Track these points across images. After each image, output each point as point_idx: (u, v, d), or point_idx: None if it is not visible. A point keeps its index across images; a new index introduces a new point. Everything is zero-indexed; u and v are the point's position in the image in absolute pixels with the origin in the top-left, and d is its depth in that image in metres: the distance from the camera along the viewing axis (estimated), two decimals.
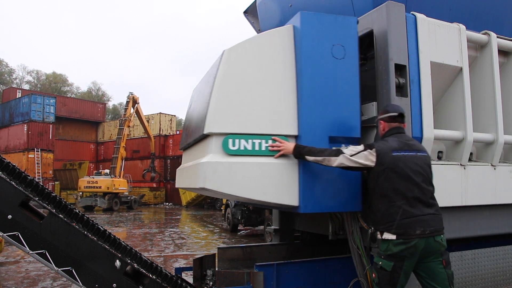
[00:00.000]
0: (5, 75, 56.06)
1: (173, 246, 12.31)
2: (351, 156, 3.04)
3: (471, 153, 4.01)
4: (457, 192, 3.78)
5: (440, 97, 4.06)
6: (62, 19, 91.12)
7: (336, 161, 3.04)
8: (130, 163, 35.35)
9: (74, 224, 3.46)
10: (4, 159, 3.44)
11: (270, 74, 3.30)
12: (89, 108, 42.47)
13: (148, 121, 34.22)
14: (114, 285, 3.37)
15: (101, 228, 3.74)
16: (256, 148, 3.23)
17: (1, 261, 9.67)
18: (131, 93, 28.75)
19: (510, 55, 4.42)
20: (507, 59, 4.42)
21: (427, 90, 3.62)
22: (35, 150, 28.97)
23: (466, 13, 4.34)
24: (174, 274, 4.00)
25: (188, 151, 4.19)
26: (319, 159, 3.09)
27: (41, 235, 3.20)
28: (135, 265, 3.57)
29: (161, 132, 37.61)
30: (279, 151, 3.22)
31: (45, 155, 29.47)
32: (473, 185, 3.87)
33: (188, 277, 4.59)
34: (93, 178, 26.86)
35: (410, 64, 3.55)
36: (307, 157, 3.13)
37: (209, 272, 4.48)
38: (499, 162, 4.13)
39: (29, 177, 3.51)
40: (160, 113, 38.50)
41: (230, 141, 3.19)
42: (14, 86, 51.45)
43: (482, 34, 4.17)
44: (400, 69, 3.54)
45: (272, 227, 5.33)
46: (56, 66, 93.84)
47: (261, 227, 14.03)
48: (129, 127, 28.76)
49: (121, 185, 27.04)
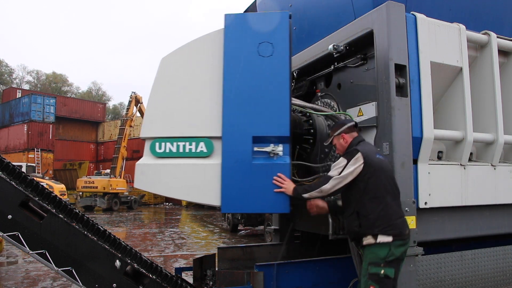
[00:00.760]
0: (5, 75, 56.06)
1: (173, 246, 12.31)
2: (340, 174, 3.03)
3: (471, 153, 4.00)
4: (457, 192, 3.78)
5: (440, 97, 4.06)
6: (62, 19, 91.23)
7: (329, 186, 3.06)
8: (131, 163, 35.29)
9: (74, 224, 3.46)
10: (4, 159, 3.44)
11: (198, 79, 3.42)
12: (89, 108, 42.48)
13: None
14: (114, 285, 3.37)
15: (101, 228, 3.74)
16: (181, 150, 3.39)
17: (1, 261, 9.67)
18: (133, 92, 28.69)
19: (510, 55, 4.42)
20: (507, 59, 4.42)
21: (427, 90, 3.62)
22: (35, 150, 28.98)
23: (466, 13, 4.34)
24: (174, 274, 4.00)
25: None
26: (314, 194, 3.13)
27: (41, 235, 3.20)
28: (135, 265, 3.57)
29: None
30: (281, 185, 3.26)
31: (45, 155, 29.49)
32: (473, 185, 3.87)
33: (188, 277, 4.58)
34: (90, 178, 26.85)
35: (410, 64, 3.56)
36: (304, 196, 3.19)
37: (209, 272, 4.48)
38: (499, 162, 4.13)
39: (29, 177, 3.51)
40: None
41: (157, 144, 3.43)
42: (14, 86, 51.43)
43: (482, 34, 4.17)
44: (400, 69, 3.54)
45: (272, 227, 5.33)
46: (56, 66, 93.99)
47: (261, 227, 14.03)
48: (131, 126, 28.73)
49: (119, 185, 26.92)
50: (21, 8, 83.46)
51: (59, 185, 21.79)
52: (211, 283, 4.36)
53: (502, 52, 4.32)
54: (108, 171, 27.92)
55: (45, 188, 3.55)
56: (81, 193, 26.86)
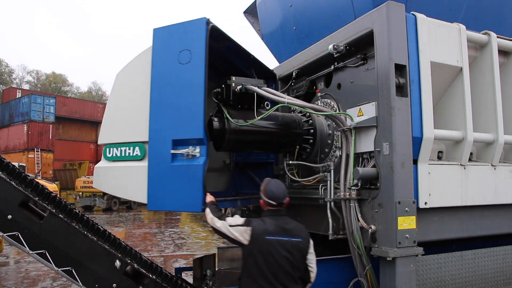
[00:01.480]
0: (5, 75, 56.05)
1: (173, 246, 12.31)
2: (230, 226, 3.08)
3: (471, 153, 4.00)
4: (457, 192, 3.78)
5: (440, 97, 4.06)
6: (62, 19, 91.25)
7: (218, 224, 3.13)
8: None
9: (74, 224, 3.46)
10: (4, 159, 3.45)
11: (137, 90, 3.78)
12: (89, 108, 42.41)
13: None
14: (114, 285, 3.37)
15: (101, 228, 3.74)
16: (123, 154, 3.86)
17: (1, 261, 9.67)
18: None
19: (510, 55, 4.42)
20: (507, 59, 4.42)
21: (427, 90, 3.62)
22: (35, 150, 28.95)
23: (466, 13, 4.34)
24: (174, 274, 4.01)
25: None
26: (210, 216, 3.22)
27: (41, 235, 3.20)
28: (135, 265, 3.57)
29: None
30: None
31: (45, 155, 29.46)
32: (473, 185, 3.87)
33: (188, 277, 4.59)
34: (89, 178, 26.81)
35: (410, 64, 3.56)
36: (206, 210, 3.30)
37: (209, 272, 4.48)
38: (499, 162, 4.13)
39: (29, 177, 3.51)
40: None
41: (108, 149, 4.00)
42: (14, 86, 51.41)
43: (482, 34, 4.17)
44: (400, 69, 3.54)
45: None
46: (56, 66, 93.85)
47: None
48: None
49: None
50: (21, 8, 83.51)
51: (51, 184, 21.76)
52: (211, 283, 4.36)
53: (502, 52, 4.32)
54: None
55: (45, 188, 3.55)
56: (80, 193, 26.85)
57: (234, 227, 3.04)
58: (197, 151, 3.48)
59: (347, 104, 4.06)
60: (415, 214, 3.39)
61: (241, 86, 3.89)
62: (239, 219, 3.10)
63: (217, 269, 4.47)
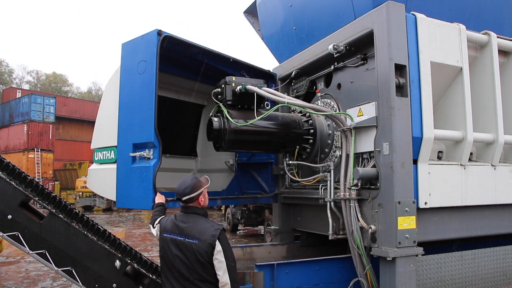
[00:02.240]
0: (5, 75, 56.03)
1: None
2: (153, 227, 3.24)
3: (471, 153, 4.00)
4: (457, 192, 3.78)
5: (440, 97, 4.06)
6: (63, 19, 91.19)
7: (150, 228, 3.31)
8: None
9: (74, 224, 3.46)
10: (4, 159, 3.44)
11: (113, 100, 4.12)
12: (89, 108, 42.35)
13: None
14: (114, 285, 3.37)
15: (101, 228, 3.74)
16: (105, 157, 4.30)
17: (1, 261, 9.67)
18: None
19: (510, 55, 4.42)
20: (507, 59, 4.42)
21: (427, 90, 3.61)
22: (35, 150, 28.91)
23: (466, 13, 4.34)
24: None
25: None
26: (151, 218, 3.37)
27: (41, 235, 3.20)
28: (135, 265, 3.57)
29: None
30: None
31: (45, 155, 29.41)
32: (473, 185, 3.87)
33: None
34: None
35: (410, 64, 3.55)
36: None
37: None
38: (499, 162, 4.13)
39: (29, 177, 3.51)
40: None
41: (96, 153, 4.47)
42: (14, 86, 51.37)
43: (482, 34, 4.17)
44: (400, 69, 3.54)
45: (272, 227, 5.33)
46: (56, 66, 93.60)
47: (261, 227, 14.02)
48: None
49: None
50: (21, 8, 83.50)
51: None
52: None
53: (502, 52, 4.32)
54: None
55: (45, 188, 3.55)
56: (80, 193, 26.84)
57: (155, 228, 3.21)
58: (150, 153, 3.73)
59: (347, 104, 4.06)
60: (415, 214, 3.39)
61: (241, 86, 3.89)
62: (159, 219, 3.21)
63: None
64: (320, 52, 4.41)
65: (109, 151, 4.23)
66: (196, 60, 4.61)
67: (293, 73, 4.82)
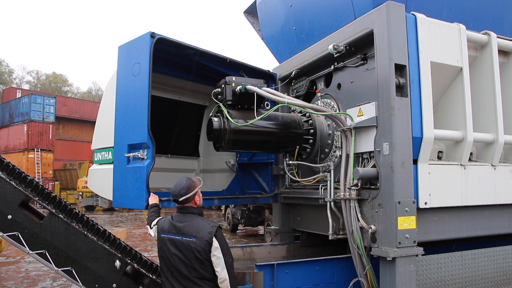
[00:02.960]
0: (5, 75, 56.02)
1: None
2: (151, 228, 3.26)
3: (471, 153, 4.00)
4: (457, 192, 3.78)
5: (440, 97, 4.06)
6: (63, 19, 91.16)
7: (148, 228, 3.34)
8: None
9: (74, 224, 3.46)
10: (4, 159, 3.44)
11: (112, 101, 4.16)
12: (89, 108, 42.36)
13: None
14: (114, 285, 3.37)
15: (101, 228, 3.74)
16: (103, 158, 4.38)
17: (1, 261, 9.67)
18: None
19: (510, 55, 4.42)
20: (507, 59, 4.42)
21: (427, 90, 3.61)
22: (35, 150, 28.91)
23: (466, 13, 4.33)
24: None
25: None
26: (147, 218, 3.41)
27: (41, 235, 3.20)
28: (135, 265, 3.57)
29: None
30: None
31: (45, 155, 29.40)
32: (473, 185, 3.87)
33: None
34: None
35: (410, 64, 3.55)
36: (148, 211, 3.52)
37: None
38: (499, 162, 4.13)
39: (29, 177, 3.51)
40: None
41: (95, 154, 4.55)
42: (14, 86, 51.37)
43: (482, 34, 4.17)
44: (400, 69, 3.54)
45: (272, 227, 5.33)
46: (56, 66, 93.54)
47: (261, 227, 14.02)
48: None
49: None
50: (21, 8, 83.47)
51: None
52: None
53: (502, 52, 4.32)
54: None
55: (45, 188, 3.55)
56: (81, 193, 26.83)
57: (152, 229, 3.23)
58: (144, 154, 3.77)
59: (347, 104, 4.06)
60: (415, 214, 3.39)
61: (241, 86, 3.89)
62: (156, 220, 3.23)
63: None
64: (320, 52, 4.41)
65: (107, 152, 4.30)
66: (194, 61, 4.63)
67: (293, 73, 4.82)
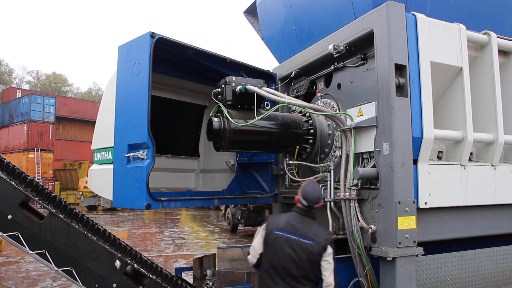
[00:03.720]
0: (5, 75, 56.00)
1: (173, 246, 12.31)
2: (254, 242, 3.26)
3: (471, 153, 4.00)
4: (457, 192, 3.78)
5: (440, 97, 4.06)
6: (63, 19, 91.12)
7: (249, 256, 3.32)
8: None
9: (74, 224, 3.46)
10: (4, 159, 3.44)
11: (112, 101, 4.16)
12: (89, 108, 42.35)
13: None
14: (114, 285, 3.37)
15: (101, 228, 3.74)
16: (103, 158, 4.38)
17: (1, 261, 9.67)
18: None
19: (510, 55, 4.42)
20: (507, 59, 4.42)
21: (427, 90, 3.61)
22: (35, 150, 28.91)
23: (466, 13, 4.33)
24: (174, 274, 4.01)
25: None
26: (249, 261, 3.37)
27: (41, 235, 3.20)
28: (135, 265, 3.57)
29: None
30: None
31: (45, 155, 29.40)
32: (473, 185, 3.87)
33: (188, 277, 4.59)
34: None
35: (410, 64, 3.55)
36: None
37: (209, 272, 4.48)
38: (499, 162, 4.13)
39: (29, 177, 3.51)
40: None
41: (95, 154, 4.55)
42: (14, 86, 51.36)
43: (482, 34, 4.17)
44: (400, 69, 3.54)
45: None
46: (56, 66, 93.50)
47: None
48: None
49: None
50: (21, 8, 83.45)
51: None
52: (211, 283, 4.37)
53: (502, 52, 4.32)
54: None
55: (45, 188, 3.55)
56: (81, 193, 26.81)
57: (256, 239, 3.26)
58: (144, 153, 3.77)
59: (347, 104, 4.06)
60: (415, 214, 3.39)
61: (241, 86, 3.89)
62: (258, 229, 3.33)
63: (217, 269, 4.46)
64: (320, 52, 4.41)
65: (107, 152, 4.30)
66: (194, 61, 4.62)
67: (293, 73, 4.82)
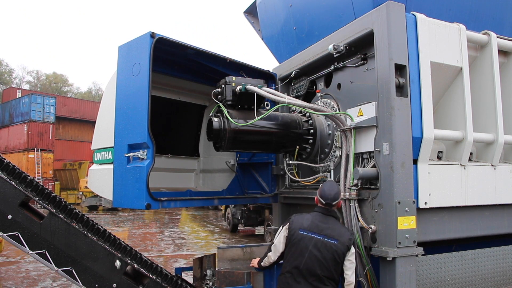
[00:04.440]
0: (5, 75, 55.99)
1: (173, 246, 12.31)
2: (275, 240, 3.34)
3: (471, 153, 4.00)
4: (457, 192, 3.78)
5: (440, 97, 4.06)
6: (63, 19, 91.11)
7: (270, 253, 3.40)
8: None
9: (74, 224, 3.46)
10: (4, 159, 3.44)
11: (112, 101, 4.16)
12: (89, 108, 42.36)
13: None
14: (114, 285, 3.37)
15: (101, 228, 3.74)
16: (103, 158, 4.38)
17: (1, 261, 9.67)
18: None
19: (510, 55, 4.42)
20: (507, 59, 4.42)
21: (427, 90, 3.61)
22: (35, 150, 28.92)
23: (466, 13, 4.33)
24: (174, 274, 4.01)
25: None
26: (264, 261, 3.48)
27: (41, 235, 3.20)
28: (135, 265, 3.57)
29: None
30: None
31: (45, 155, 29.41)
32: (473, 185, 3.87)
33: (188, 277, 4.58)
34: None
35: (410, 64, 3.55)
36: (261, 265, 3.56)
37: (209, 272, 4.48)
38: (499, 162, 4.13)
39: (29, 177, 3.51)
40: None
41: (95, 154, 4.56)
42: (14, 86, 51.37)
43: (482, 34, 4.17)
44: (400, 69, 3.54)
45: (272, 227, 5.33)
46: (56, 66, 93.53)
47: (261, 227, 14.03)
48: None
49: None
50: (21, 8, 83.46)
51: None
52: (211, 283, 4.36)
53: (502, 52, 4.32)
54: None
55: (45, 188, 3.55)
56: (81, 192, 26.81)
57: (277, 238, 3.31)
58: (144, 154, 3.76)
59: (347, 104, 4.06)
60: (415, 214, 3.39)
61: (241, 86, 3.89)
62: (280, 228, 3.33)
63: (217, 269, 4.46)
64: (320, 52, 4.41)
65: (107, 152, 4.30)
66: (194, 61, 4.62)
67: (293, 73, 4.81)
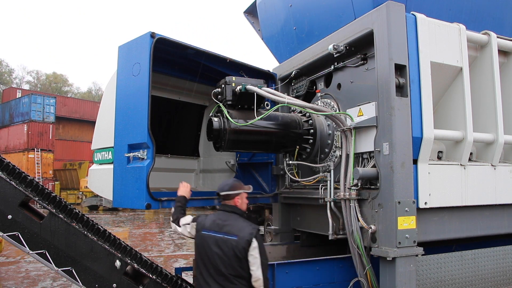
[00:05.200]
0: (5, 75, 56.00)
1: (173, 246, 12.31)
2: (182, 224, 3.32)
3: (471, 153, 4.00)
4: (457, 192, 3.78)
5: (440, 97, 4.06)
6: (63, 19, 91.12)
7: (172, 226, 3.43)
8: None
9: (74, 224, 3.46)
10: (4, 159, 3.44)
11: (112, 101, 4.16)
12: (89, 108, 42.34)
13: None
14: (114, 285, 3.37)
15: (101, 228, 3.74)
16: (103, 158, 4.39)
17: (1, 261, 9.67)
18: None
19: (510, 55, 4.42)
20: (507, 59, 4.42)
21: (427, 90, 3.61)
22: (35, 150, 28.92)
23: (466, 13, 4.34)
24: (174, 274, 4.01)
25: None
26: (172, 213, 3.48)
27: (41, 235, 3.20)
28: (135, 265, 3.57)
29: None
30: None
31: (45, 155, 29.40)
32: (473, 185, 3.87)
33: (188, 277, 4.58)
34: None
35: (410, 64, 3.55)
36: (174, 205, 3.56)
37: None
38: (499, 162, 4.13)
39: (29, 177, 3.51)
40: None
41: (95, 154, 4.56)
42: (14, 86, 51.36)
43: (482, 34, 4.17)
44: (400, 69, 3.54)
45: (272, 227, 5.33)
46: (56, 66, 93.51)
47: (261, 227, 14.03)
48: None
49: None
50: (21, 8, 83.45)
51: None
52: None
53: (502, 52, 4.32)
54: None
55: (45, 188, 3.55)
56: (81, 192, 26.83)
57: (184, 226, 3.29)
58: (144, 154, 3.76)
59: (347, 104, 4.06)
60: (415, 214, 3.39)
61: (241, 86, 3.89)
62: (189, 217, 3.32)
63: None
64: (320, 52, 4.41)
65: (107, 152, 4.30)
66: (194, 61, 4.62)
67: (293, 73, 4.81)
